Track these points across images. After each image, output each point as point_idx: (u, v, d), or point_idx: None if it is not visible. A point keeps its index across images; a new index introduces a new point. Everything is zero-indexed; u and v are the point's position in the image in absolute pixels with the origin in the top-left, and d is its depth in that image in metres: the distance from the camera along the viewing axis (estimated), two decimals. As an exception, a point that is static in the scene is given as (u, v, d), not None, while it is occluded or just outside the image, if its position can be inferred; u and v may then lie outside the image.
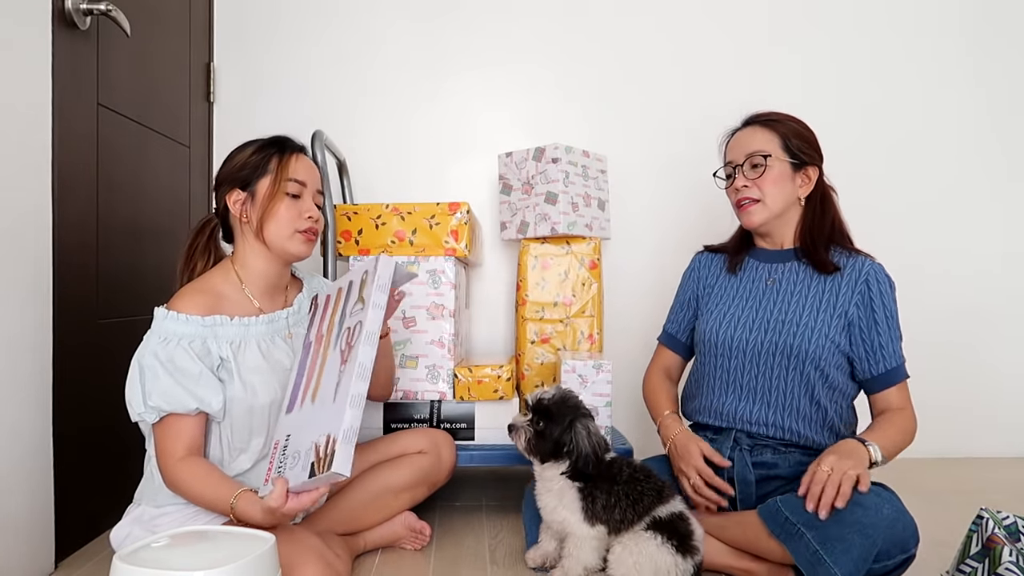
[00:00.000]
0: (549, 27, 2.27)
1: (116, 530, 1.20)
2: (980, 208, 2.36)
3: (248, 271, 1.29)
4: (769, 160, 1.39)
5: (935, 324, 2.33)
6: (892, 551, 1.14)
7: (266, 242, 1.27)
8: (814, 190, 1.41)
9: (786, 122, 1.42)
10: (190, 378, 1.15)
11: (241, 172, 1.27)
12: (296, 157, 1.30)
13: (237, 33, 2.20)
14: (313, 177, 1.33)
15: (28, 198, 1.30)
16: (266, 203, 1.26)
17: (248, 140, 1.32)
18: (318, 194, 1.34)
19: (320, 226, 1.33)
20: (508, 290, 2.27)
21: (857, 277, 1.35)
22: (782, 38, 2.30)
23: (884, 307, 1.33)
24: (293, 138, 1.34)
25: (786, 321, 1.37)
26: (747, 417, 1.39)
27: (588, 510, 1.24)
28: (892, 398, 1.34)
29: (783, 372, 1.36)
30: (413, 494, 1.48)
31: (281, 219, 1.26)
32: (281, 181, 1.26)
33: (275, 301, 1.33)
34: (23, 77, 1.28)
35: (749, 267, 1.49)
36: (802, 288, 1.40)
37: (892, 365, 1.33)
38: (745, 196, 1.41)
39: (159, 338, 1.16)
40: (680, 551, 1.20)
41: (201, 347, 1.17)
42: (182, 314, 1.17)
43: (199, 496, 1.12)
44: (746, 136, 1.44)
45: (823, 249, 1.39)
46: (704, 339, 1.47)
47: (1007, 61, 2.35)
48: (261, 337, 1.26)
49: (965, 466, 2.24)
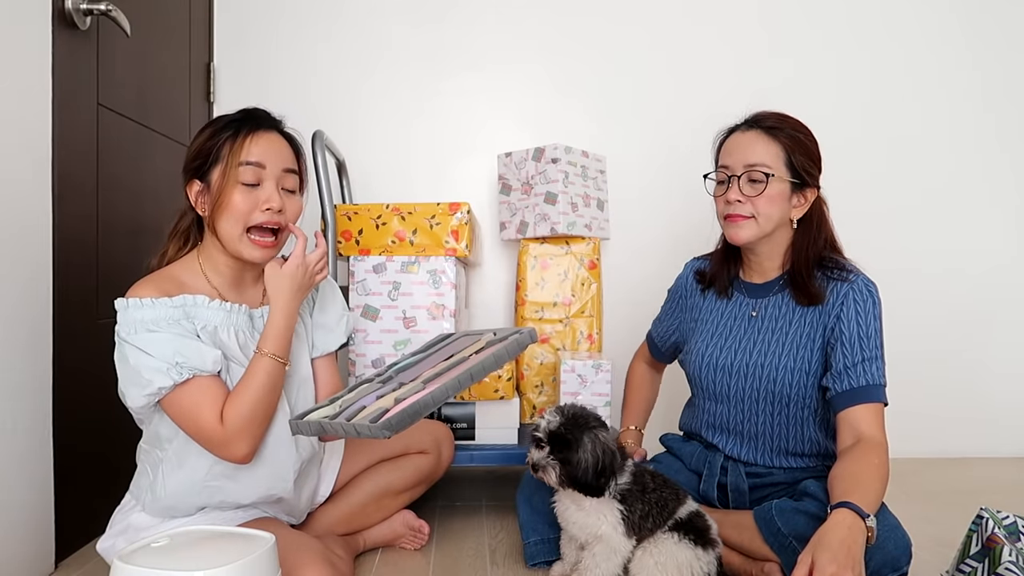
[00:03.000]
0: (549, 28, 2.27)
1: (102, 541, 1.19)
2: (979, 210, 2.36)
3: (212, 262, 1.19)
4: (771, 178, 1.28)
5: (934, 324, 2.33)
6: (883, 570, 1.10)
7: (219, 239, 1.15)
8: (809, 212, 1.32)
9: (793, 132, 1.30)
10: (190, 333, 1.08)
11: (195, 161, 1.15)
12: (252, 137, 1.13)
13: (237, 33, 2.20)
14: (277, 156, 1.15)
15: (28, 198, 1.30)
16: (218, 193, 1.12)
17: (213, 118, 1.20)
18: (287, 175, 1.17)
19: (285, 218, 1.17)
20: (508, 290, 2.27)
21: (835, 300, 1.27)
22: (783, 38, 2.30)
23: (858, 325, 1.24)
24: (263, 111, 1.20)
25: (765, 365, 1.31)
26: (737, 454, 1.38)
27: (628, 521, 1.20)
28: (861, 420, 1.20)
29: (768, 417, 1.33)
30: (412, 493, 1.49)
31: (233, 211, 1.12)
32: (231, 169, 1.11)
33: (247, 296, 1.23)
34: (23, 77, 1.28)
35: (735, 298, 1.41)
36: (783, 324, 1.32)
37: (859, 384, 1.21)
38: (736, 213, 1.30)
39: (127, 330, 1.07)
40: (699, 544, 1.20)
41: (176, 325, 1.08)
42: (145, 299, 1.07)
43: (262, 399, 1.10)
44: (747, 142, 1.31)
45: (810, 276, 1.30)
46: (689, 376, 1.46)
47: (1007, 60, 2.35)
48: (241, 328, 1.17)
49: (965, 466, 2.24)
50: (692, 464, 1.45)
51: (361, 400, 1.12)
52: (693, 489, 1.40)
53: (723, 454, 1.40)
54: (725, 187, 1.33)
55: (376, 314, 1.70)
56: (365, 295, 1.70)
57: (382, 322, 1.69)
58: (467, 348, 1.20)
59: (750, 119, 1.34)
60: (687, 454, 1.46)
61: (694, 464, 1.44)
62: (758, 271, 1.39)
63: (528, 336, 1.17)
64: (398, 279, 1.70)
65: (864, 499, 1.06)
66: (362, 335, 1.69)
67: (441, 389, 1.04)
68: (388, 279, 1.70)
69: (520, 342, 1.16)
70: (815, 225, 1.32)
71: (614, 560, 1.20)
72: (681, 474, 1.43)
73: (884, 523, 1.13)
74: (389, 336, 1.69)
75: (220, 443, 1.08)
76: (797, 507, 1.21)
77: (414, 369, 1.22)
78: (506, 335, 1.19)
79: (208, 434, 1.08)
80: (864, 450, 1.16)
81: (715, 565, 1.21)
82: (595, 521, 1.21)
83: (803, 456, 1.35)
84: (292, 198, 1.19)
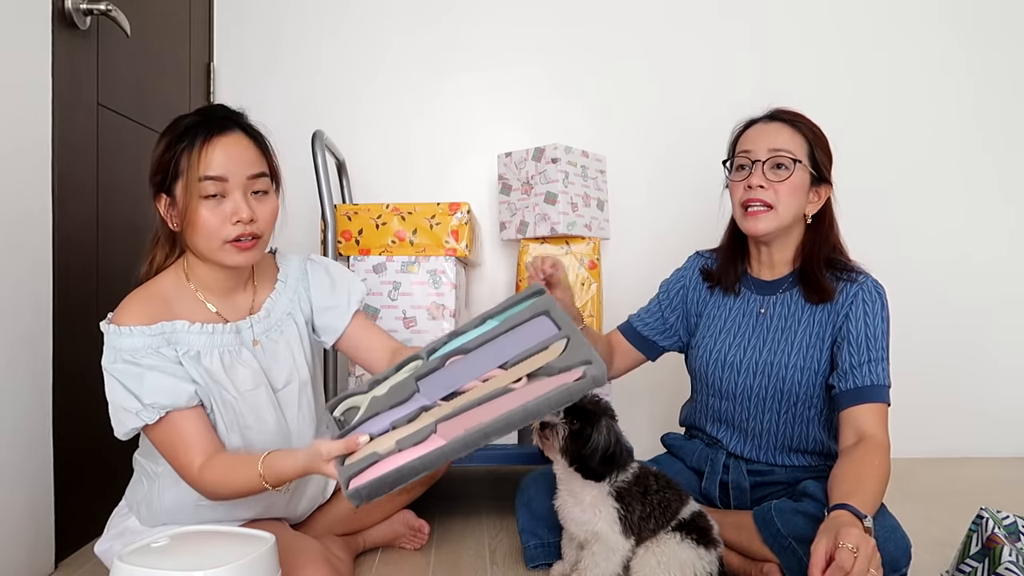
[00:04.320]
0: (549, 28, 2.27)
1: (99, 543, 1.19)
2: (989, 207, 2.35)
3: (198, 277, 1.15)
4: (798, 165, 1.27)
5: (934, 324, 2.33)
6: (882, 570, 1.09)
7: (197, 255, 1.12)
8: (822, 210, 1.32)
9: (813, 129, 1.32)
10: (171, 363, 1.05)
11: (157, 175, 1.09)
12: (208, 147, 1.05)
13: (237, 33, 2.20)
14: (240, 163, 1.07)
15: (28, 198, 1.30)
16: (184, 211, 1.06)
17: (171, 121, 1.11)
18: (255, 179, 1.09)
19: (259, 227, 1.10)
20: (507, 290, 2.27)
21: (844, 300, 1.27)
22: (784, 37, 2.30)
23: (866, 325, 1.24)
24: (222, 109, 1.12)
25: (775, 363, 1.31)
26: (740, 452, 1.38)
27: (625, 520, 1.20)
28: (864, 419, 1.20)
29: (774, 415, 1.33)
30: (412, 493, 1.48)
31: (203, 230, 1.06)
32: (192, 184, 1.05)
33: (236, 304, 1.19)
34: (23, 77, 1.28)
35: (743, 294, 1.40)
36: (792, 323, 1.32)
37: (863, 383, 1.22)
38: (757, 198, 1.28)
39: (108, 359, 1.05)
40: (702, 544, 1.20)
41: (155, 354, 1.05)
42: (124, 327, 1.05)
43: (235, 493, 1.04)
44: (772, 131, 1.30)
45: (822, 272, 1.29)
46: (695, 374, 1.45)
47: (1008, 61, 2.35)
48: (226, 348, 1.13)
49: (965, 466, 2.24)
50: (694, 462, 1.45)
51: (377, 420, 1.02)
52: (694, 490, 1.40)
53: (725, 451, 1.40)
54: (747, 172, 1.30)
55: (376, 314, 1.70)
56: (365, 295, 1.70)
57: (382, 322, 1.69)
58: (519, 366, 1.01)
59: (771, 112, 1.35)
60: (688, 452, 1.46)
61: (696, 462, 1.44)
62: (768, 266, 1.38)
63: (591, 382, 0.93)
64: (398, 279, 1.70)
65: (863, 501, 1.07)
66: (362, 335, 1.69)
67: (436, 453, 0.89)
68: (388, 279, 1.70)
69: (572, 393, 0.92)
70: (827, 223, 1.33)
71: (613, 559, 1.20)
72: (681, 475, 1.43)
73: (883, 524, 1.13)
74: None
75: (192, 483, 1.06)
76: (796, 508, 1.21)
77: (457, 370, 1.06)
78: (570, 365, 0.96)
79: (183, 472, 1.06)
80: (865, 450, 1.16)
81: (717, 565, 1.21)
82: (591, 517, 1.21)
83: (806, 455, 1.35)
84: (264, 200, 1.12)
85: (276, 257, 1.30)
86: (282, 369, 1.21)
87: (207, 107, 1.15)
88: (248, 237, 1.09)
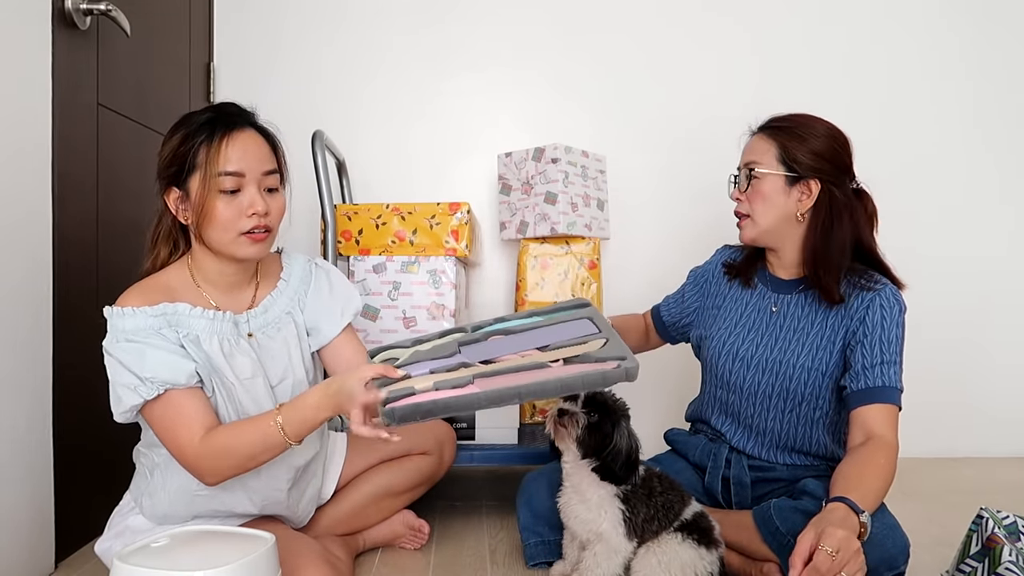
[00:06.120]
0: (549, 28, 2.27)
1: (100, 542, 1.19)
2: (988, 206, 2.35)
3: (203, 272, 1.16)
4: (757, 172, 1.31)
5: (934, 324, 2.33)
6: (880, 568, 1.10)
7: (208, 247, 1.13)
8: (818, 206, 1.29)
9: (794, 128, 1.30)
10: (172, 343, 1.06)
11: (170, 168, 1.10)
12: (227, 142, 1.08)
13: (237, 33, 2.20)
14: (255, 159, 1.11)
15: (28, 198, 1.30)
16: (199, 205, 1.08)
17: (182, 117, 1.13)
18: (268, 176, 1.13)
19: (272, 220, 1.13)
20: (508, 290, 2.27)
21: (860, 305, 1.27)
22: (786, 37, 2.30)
23: (882, 329, 1.24)
24: (234, 106, 1.15)
25: (783, 362, 1.31)
26: (743, 447, 1.39)
27: (630, 523, 1.20)
28: (873, 420, 1.20)
29: (778, 414, 1.34)
30: (413, 494, 1.48)
31: (219, 222, 1.09)
32: (210, 179, 1.07)
33: (237, 300, 1.20)
34: (23, 77, 1.28)
35: (759, 289, 1.41)
36: (805, 324, 1.33)
37: (875, 384, 1.22)
38: (736, 210, 1.37)
39: (110, 340, 1.06)
40: (703, 544, 1.20)
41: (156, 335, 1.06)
42: (126, 308, 1.06)
43: (246, 452, 1.04)
44: (750, 144, 1.37)
45: (829, 276, 1.27)
46: (706, 364, 1.46)
47: (1010, 60, 2.35)
48: (225, 336, 1.14)
49: (965, 466, 2.24)
50: (696, 457, 1.45)
51: (417, 367, 1.05)
52: (696, 487, 1.40)
53: (728, 445, 1.40)
54: (731, 187, 1.40)
55: (376, 314, 1.70)
56: (365, 295, 1.70)
57: (382, 322, 1.69)
58: (557, 351, 1.06)
59: (762, 123, 1.37)
60: (691, 447, 1.47)
61: (698, 457, 1.45)
62: (781, 267, 1.40)
63: (624, 373, 0.97)
64: (398, 279, 1.70)
65: (862, 496, 1.07)
66: (362, 335, 1.69)
67: (471, 398, 0.94)
68: (388, 279, 1.71)
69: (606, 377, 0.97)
70: (824, 219, 1.29)
71: (615, 560, 1.20)
72: (684, 473, 1.43)
73: (883, 522, 1.13)
74: (389, 336, 1.69)
75: (193, 462, 1.05)
76: (796, 506, 1.21)
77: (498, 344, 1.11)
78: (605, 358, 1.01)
79: (184, 452, 1.05)
80: (872, 449, 1.17)
81: (718, 565, 1.21)
82: (596, 517, 1.20)
83: (808, 456, 1.35)
84: (275, 196, 1.15)
85: (281, 256, 1.31)
86: (277, 366, 1.20)
87: (219, 104, 1.16)
88: (261, 229, 1.12)
